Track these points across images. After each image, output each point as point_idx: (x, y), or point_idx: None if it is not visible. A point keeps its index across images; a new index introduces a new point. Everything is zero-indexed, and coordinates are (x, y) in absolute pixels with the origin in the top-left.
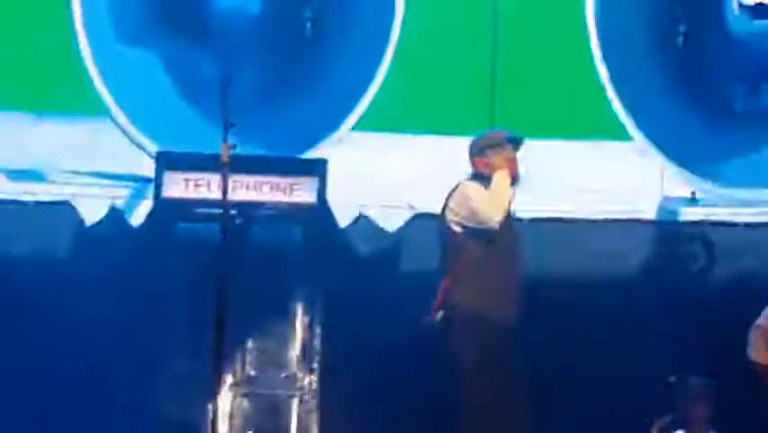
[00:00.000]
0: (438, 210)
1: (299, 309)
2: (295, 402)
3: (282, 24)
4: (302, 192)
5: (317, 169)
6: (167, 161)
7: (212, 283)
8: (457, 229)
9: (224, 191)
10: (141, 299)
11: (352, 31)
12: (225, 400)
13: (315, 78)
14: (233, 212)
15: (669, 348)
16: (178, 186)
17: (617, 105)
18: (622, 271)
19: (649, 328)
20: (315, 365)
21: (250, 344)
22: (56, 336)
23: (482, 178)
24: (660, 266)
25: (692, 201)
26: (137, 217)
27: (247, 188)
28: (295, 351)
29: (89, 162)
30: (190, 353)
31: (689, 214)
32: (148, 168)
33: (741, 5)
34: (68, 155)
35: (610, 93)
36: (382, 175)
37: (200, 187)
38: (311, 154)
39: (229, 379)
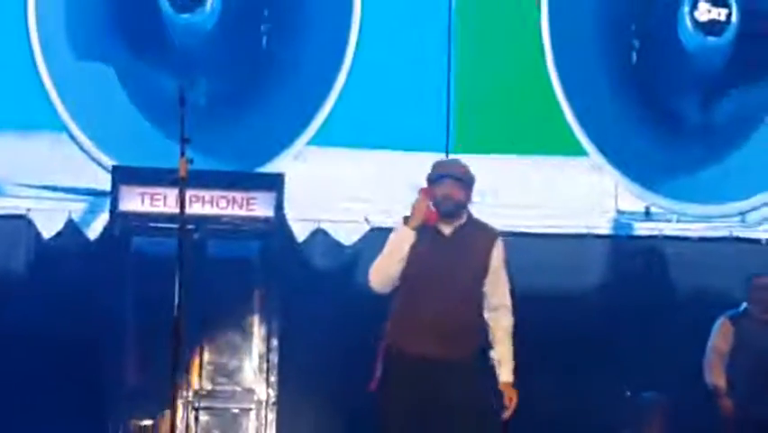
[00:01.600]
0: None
1: (256, 323)
2: (252, 416)
3: (238, 40)
4: (259, 206)
5: (274, 183)
6: (123, 175)
7: (168, 297)
8: None
9: (181, 205)
10: (96, 312)
11: (308, 47)
12: (182, 414)
13: (272, 93)
14: (189, 226)
15: (623, 362)
16: (135, 200)
17: (571, 121)
18: (577, 286)
19: (604, 342)
20: (273, 379)
21: (207, 357)
22: (11, 348)
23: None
24: (614, 280)
25: (646, 216)
26: (93, 231)
27: (204, 203)
28: (252, 364)
29: (46, 176)
30: (146, 367)
31: (643, 228)
32: (104, 182)
33: (694, 22)
34: (25, 169)
35: (565, 108)
36: (338, 189)
37: (157, 201)
38: (268, 169)
39: (186, 393)
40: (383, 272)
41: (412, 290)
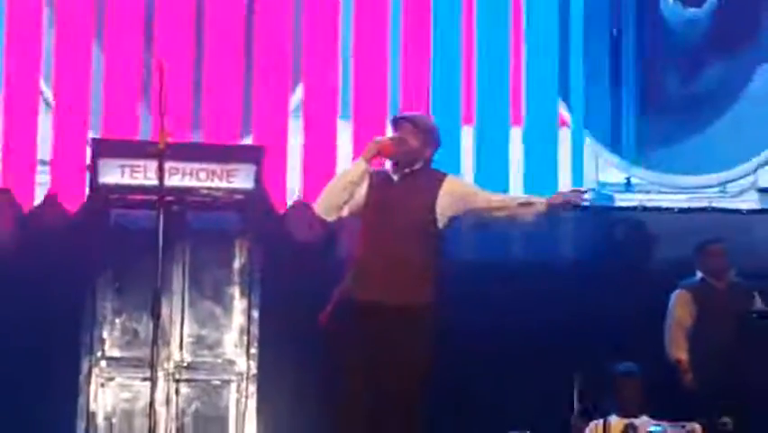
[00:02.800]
0: None
1: (237, 295)
2: (233, 388)
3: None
4: (239, 179)
5: (254, 155)
6: (103, 148)
7: (148, 269)
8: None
9: (161, 178)
10: (76, 284)
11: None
12: (163, 386)
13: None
14: (169, 198)
15: (602, 333)
16: (115, 172)
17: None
18: (557, 257)
19: (583, 312)
20: (253, 351)
21: (187, 330)
22: None
23: None
24: (595, 252)
25: (627, 187)
26: (73, 204)
27: (183, 175)
28: (232, 336)
29: None
30: (127, 339)
31: (624, 200)
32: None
33: None
34: None
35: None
36: None
37: (136, 173)
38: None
39: (166, 365)
40: (326, 198)
41: (362, 235)
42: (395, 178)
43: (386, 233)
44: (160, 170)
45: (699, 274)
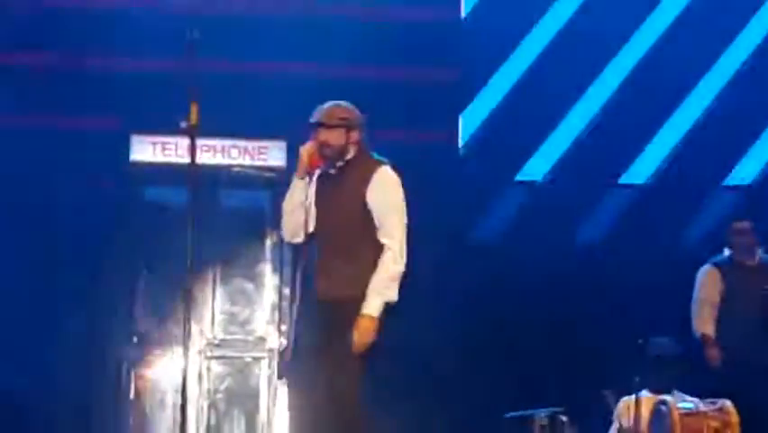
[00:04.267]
0: None
1: (268, 272)
2: (264, 365)
3: None
4: (270, 155)
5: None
6: (135, 125)
7: (180, 247)
8: None
9: (192, 155)
10: (109, 261)
11: None
12: (195, 363)
13: None
14: (201, 175)
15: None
16: (146, 150)
17: None
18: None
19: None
20: (284, 327)
21: (219, 307)
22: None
23: None
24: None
25: None
26: (106, 180)
27: (215, 152)
28: (264, 313)
29: None
30: (158, 317)
31: None
32: None
33: None
34: None
35: None
36: None
37: (168, 151)
38: None
39: (198, 342)
40: (285, 225)
41: (314, 232)
42: (331, 171)
43: (323, 228)
44: (192, 147)
45: (727, 251)
